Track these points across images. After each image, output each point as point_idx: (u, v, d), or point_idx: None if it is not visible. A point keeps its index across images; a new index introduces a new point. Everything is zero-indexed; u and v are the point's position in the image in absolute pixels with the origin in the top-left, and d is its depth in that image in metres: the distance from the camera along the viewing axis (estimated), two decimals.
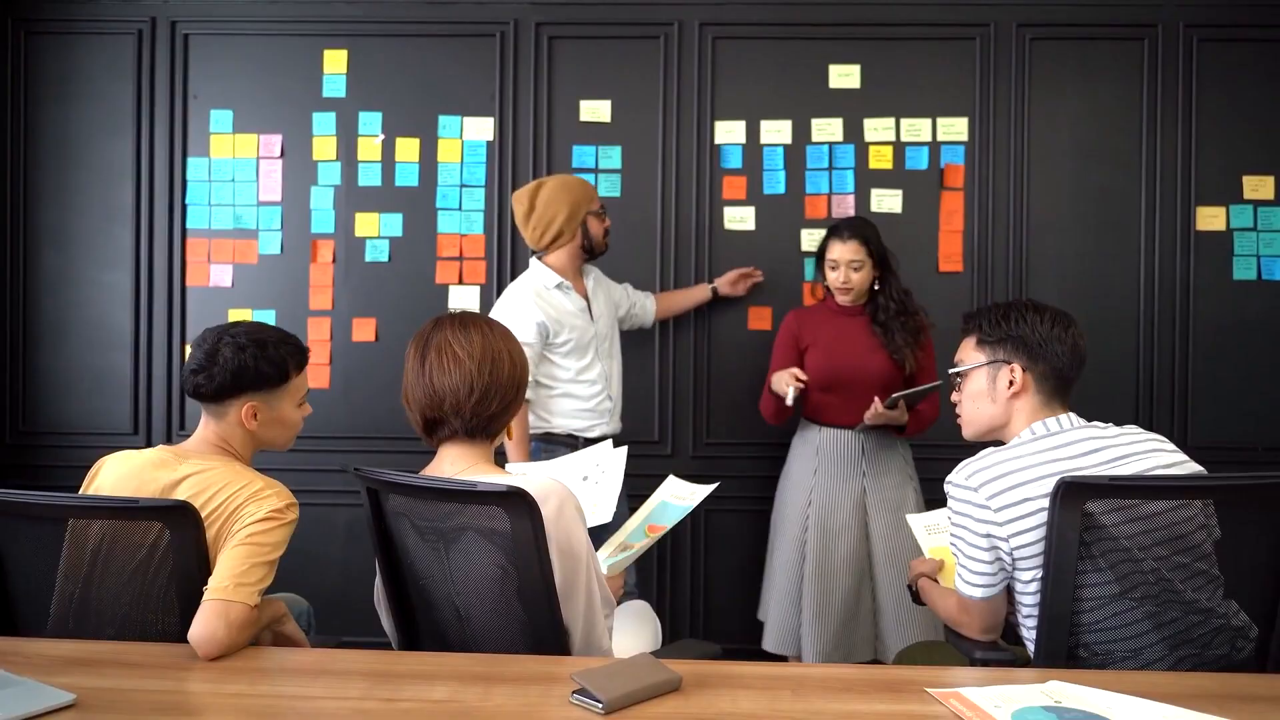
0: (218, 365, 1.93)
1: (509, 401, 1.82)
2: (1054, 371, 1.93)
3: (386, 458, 3.38)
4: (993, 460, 1.85)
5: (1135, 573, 1.73)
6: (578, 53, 3.68)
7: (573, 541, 1.73)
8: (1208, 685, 1.55)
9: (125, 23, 3.72)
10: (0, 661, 1.56)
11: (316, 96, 3.70)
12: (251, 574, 1.72)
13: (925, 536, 2.40)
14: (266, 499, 1.84)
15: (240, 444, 2.01)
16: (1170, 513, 1.73)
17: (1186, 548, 1.74)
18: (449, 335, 1.81)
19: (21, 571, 1.87)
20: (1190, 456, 3.60)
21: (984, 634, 1.92)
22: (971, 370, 2.00)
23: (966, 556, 1.87)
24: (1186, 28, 3.60)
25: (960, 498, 1.86)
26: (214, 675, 1.58)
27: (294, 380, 2.04)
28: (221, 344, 1.95)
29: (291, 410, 2.06)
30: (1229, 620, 1.75)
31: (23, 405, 3.75)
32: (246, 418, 1.97)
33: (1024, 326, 1.94)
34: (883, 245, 3.07)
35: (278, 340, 2.00)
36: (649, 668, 1.50)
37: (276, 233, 3.71)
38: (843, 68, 3.64)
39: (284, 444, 2.10)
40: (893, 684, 1.56)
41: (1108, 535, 1.72)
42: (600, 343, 3.15)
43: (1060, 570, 1.73)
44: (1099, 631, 1.76)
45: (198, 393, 1.96)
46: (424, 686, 1.51)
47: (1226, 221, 3.61)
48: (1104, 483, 1.73)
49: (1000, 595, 1.88)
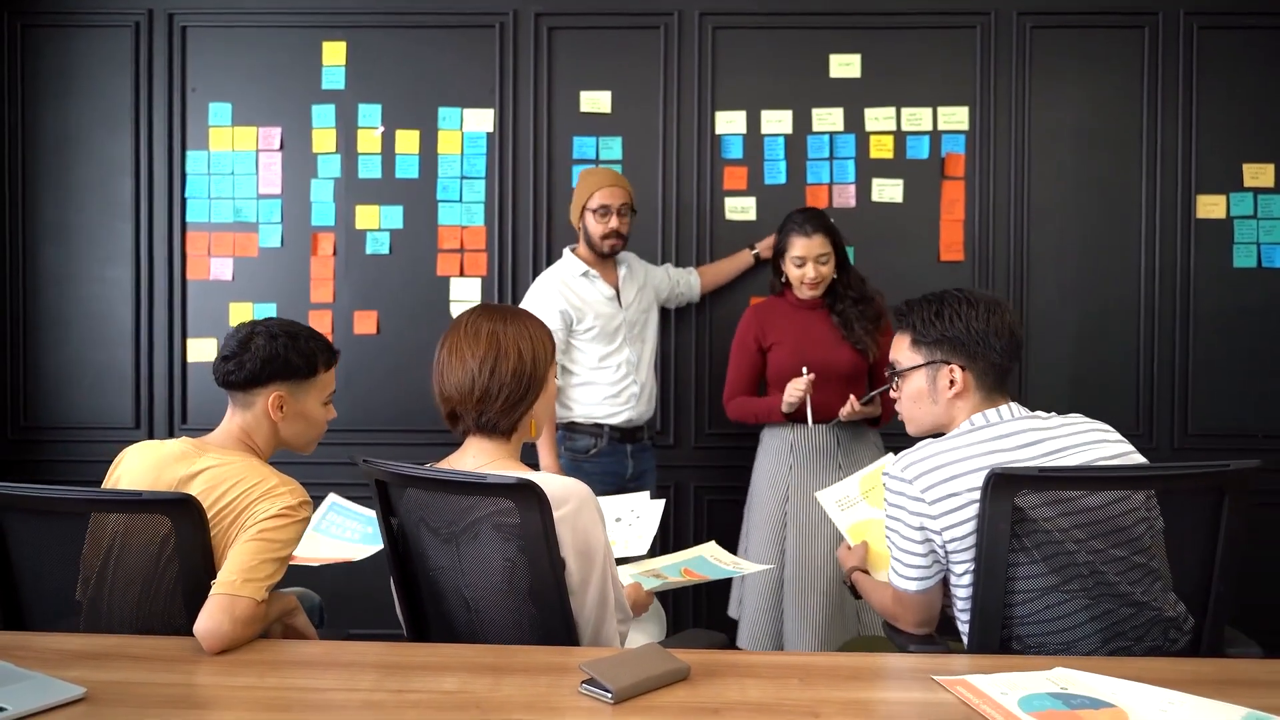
0: (249, 353, 1.95)
1: (516, 400, 1.80)
2: (993, 367, 1.89)
3: (389, 449, 3.39)
4: (929, 452, 1.82)
5: (1069, 565, 1.71)
6: (577, 43, 3.67)
7: (590, 541, 1.73)
8: (1209, 671, 1.55)
9: (122, 15, 3.70)
10: (8, 655, 1.56)
11: (316, 89, 3.70)
12: (260, 570, 1.72)
13: (839, 513, 2.36)
14: (280, 496, 1.84)
15: (264, 439, 2.01)
16: (1107, 506, 1.71)
17: (1124, 540, 1.72)
18: (462, 332, 1.82)
19: (29, 566, 1.87)
20: (1191, 444, 3.65)
21: (919, 627, 1.90)
22: (909, 371, 1.96)
23: (900, 549, 1.85)
24: (1187, 15, 3.60)
25: (895, 489, 1.84)
26: (223, 668, 1.59)
27: (321, 375, 2.05)
28: (255, 333, 1.98)
29: (316, 407, 2.06)
30: (1163, 612, 1.75)
31: (24, 400, 3.75)
32: (273, 408, 1.98)
33: (959, 324, 1.88)
34: (840, 234, 3.08)
35: (309, 334, 2.03)
36: (657, 657, 1.50)
37: (277, 226, 3.71)
38: (843, 57, 3.63)
39: (306, 444, 2.09)
40: (900, 672, 1.57)
41: (1040, 527, 1.71)
42: (630, 329, 3.20)
43: (992, 562, 1.72)
44: (1032, 624, 1.75)
45: (227, 380, 1.97)
46: (433, 677, 1.52)
47: (1227, 209, 3.61)
48: (1034, 474, 1.71)
49: (936, 588, 1.86)
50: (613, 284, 3.20)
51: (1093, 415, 3.52)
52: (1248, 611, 3.55)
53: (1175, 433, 3.61)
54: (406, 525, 1.83)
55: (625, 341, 3.18)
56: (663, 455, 3.63)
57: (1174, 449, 3.58)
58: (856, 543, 2.26)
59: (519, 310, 1.90)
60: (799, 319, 3.09)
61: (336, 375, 3.63)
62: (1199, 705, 1.38)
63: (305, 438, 2.07)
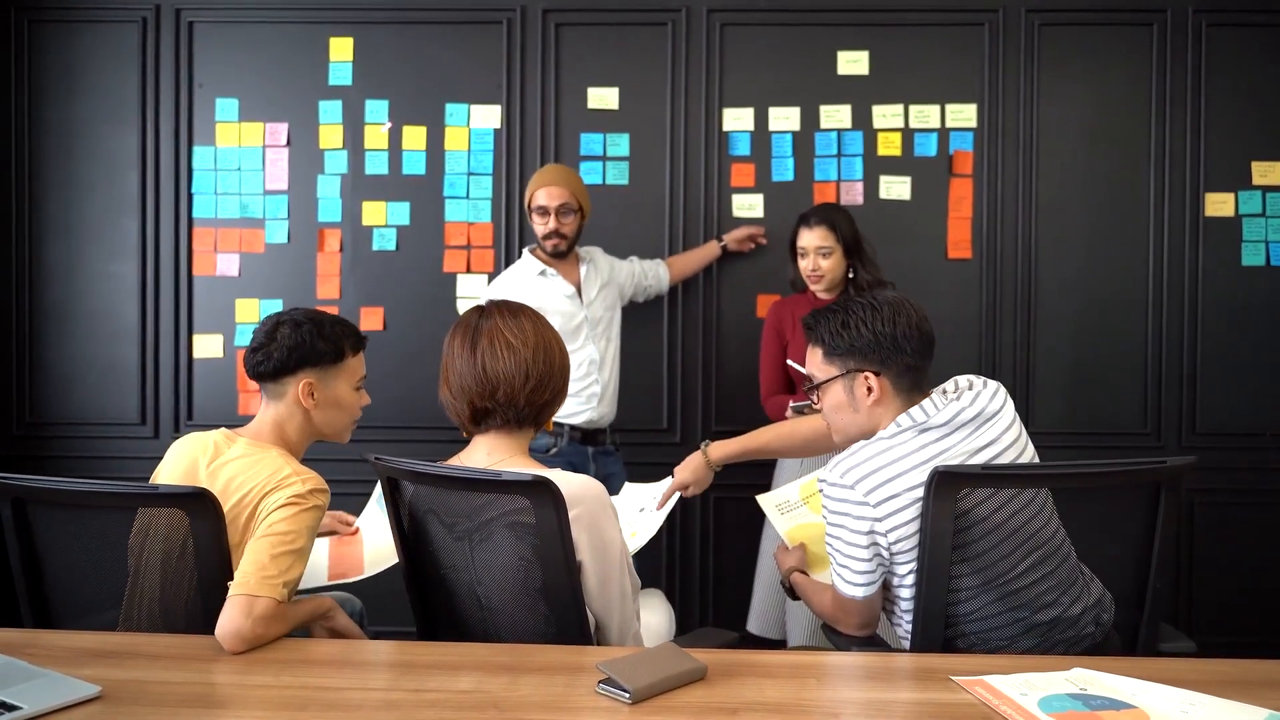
0: (275, 343, 1.97)
1: (559, 390, 1.83)
2: (907, 369, 1.88)
3: (397, 446, 3.38)
4: (865, 455, 1.81)
5: (1001, 560, 1.74)
6: (585, 40, 3.66)
7: (606, 540, 1.73)
8: (1230, 671, 1.55)
9: (129, 10, 3.69)
10: (23, 654, 1.55)
11: (322, 85, 3.68)
12: (274, 565, 1.71)
13: (779, 516, 2.36)
14: (289, 485, 1.83)
15: (297, 429, 2.02)
16: (1033, 503, 1.75)
17: (1048, 538, 1.77)
18: (499, 323, 1.80)
19: (54, 562, 1.87)
20: (1199, 443, 3.64)
21: (861, 630, 1.91)
22: (826, 384, 1.93)
23: (845, 555, 1.83)
24: (1195, 13, 3.59)
25: (837, 496, 1.82)
26: (239, 667, 1.58)
27: (350, 360, 2.06)
28: (280, 323, 2.00)
29: (348, 392, 2.07)
30: (1089, 600, 1.80)
31: (29, 396, 3.74)
32: (304, 395, 1.99)
33: (866, 331, 1.87)
34: (855, 231, 3.05)
35: (334, 321, 2.06)
36: (674, 657, 1.50)
37: (283, 222, 3.70)
38: (851, 54, 3.62)
39: (341, 430, 2.10)
40: (918, 672, 1.56)
41: (979, 526, 1.73)
42: (593, 326, 3.16)
43: (935, 562, 1.72)
44: (974, 621, 1.77)
45: (257, 371, 1.99)
46: (449, 677, 1.51)
47: (1235, 207, 3.60)
48: (977, 471, 1.73)
49: (879, 591, 1.86)
50: (574, 281, 3.16)
51: (1101, 414, 3.60)
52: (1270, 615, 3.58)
53: (1183, 432, 3.60)
54: (418, 523, 1.82)
55: (588, 339, 3.14)
56: (671, 453, 3.58)
57: (1181, 448, 3.57)
58: (794, 545, 2.27)
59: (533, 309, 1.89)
60: None
61: None
62: (1220, 706, 1.38)
63: (339, 424, 2.08)
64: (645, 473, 2.82)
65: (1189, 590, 3.62)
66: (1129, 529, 1.81)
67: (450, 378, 1.82)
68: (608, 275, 3.26)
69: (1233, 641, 3.52)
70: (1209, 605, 3.62)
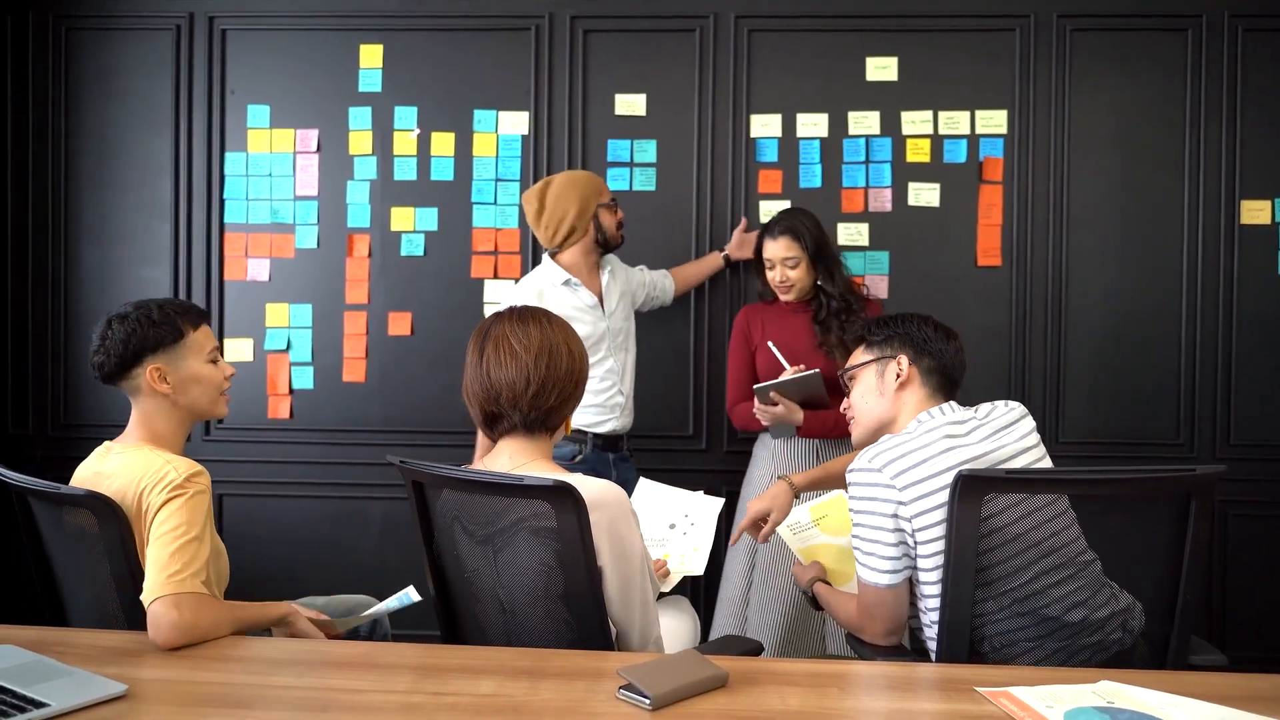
0: (109, 339, 1.96)
1: (568, 395, 1.83)
2: (939, 367, 1.99)
3: (423, 450, 3.40)
4: (892, 444, 1.87)
5: (1023, 565, 1.74)
6: (613, 46, 3.67)
7: (627, 546, 1.73)
8: (1263, 687, 1.52)
9: (164, 18, 3.75)
10: (50, 651, 1.58)
11: (352, 91, 3.72)
12: (176, 560, 1.72)
13: (791, 537, 2.40)
14: (164, 479, 1.82)
15: (165, 420, 2.00)
16: (1052, 508, 1.76)
17: (1066, 543, 1.77)
18: (506, 329, 1.82)
19: (58, 561, 1.93)
20: (1233, 454, 3.59)
21: (888, 636, 1.89)
22: (860, 369, 2.06)
23: (870, 542, 1.86)
24: (1231, 18, 3.53)
25: (864, 481, 1.86)
26: (263, 667, 1.59)
27: (192, 335, 2.01)
28: (109, 321, 1.98)
29: (201, 366, 2.02)
30: (1117, 606, 1.79)
31: (64, 399, 3.80)
32: (155, 381, 1.97)
33: (910, 326, 2.03)
34: (820, 236, 2.99)
35: (164, 303, 2.02)
36: (696, 664, 1.49)
37: (313, 227, 3.73)
38: (880, 60, 3.60)
39: (212, 404, 2.06)
40: (941, 683, 1.54)
41: (1000, 533, 1.73)
42: (614, 338, 3.13)
43: (960, 566, 1.72)
44: (999, 621, 1.76)
45: (104, 374, 1.98)
46: (470, 680, 1.51)
47: (1272, 215, 3.55)
48: (1002, 475, 1.75)
49: (904, 588, 1.86)
50: (595, 291, 3.13)
51: (1133, 425, 3.55)
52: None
53: (1217, 443, 3.54)
54: (441, 527, 1.83)
55: (609, 352, 3.10)
56: (693, 459, 3.62)
57: (1215, 459, 3.51)
58: (810, 561, 2.28)
59: (550, 312, 1.90)
60: (785, 323, 3.05)
61: (370, 375, 3.71)
62: None
63: (207, 399, 2.04)
64: (672, 479, 2.81)
65: (1222, 603, 3.56)
66: (1158, 538, 1.79)
67: (466, 383, 1.85)
68: (624, 283, 3.25)
69: (1268, 656, 3.45)
70: (1243, 619, 3.55)
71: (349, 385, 3.72)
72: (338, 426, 3.70)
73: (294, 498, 3.76)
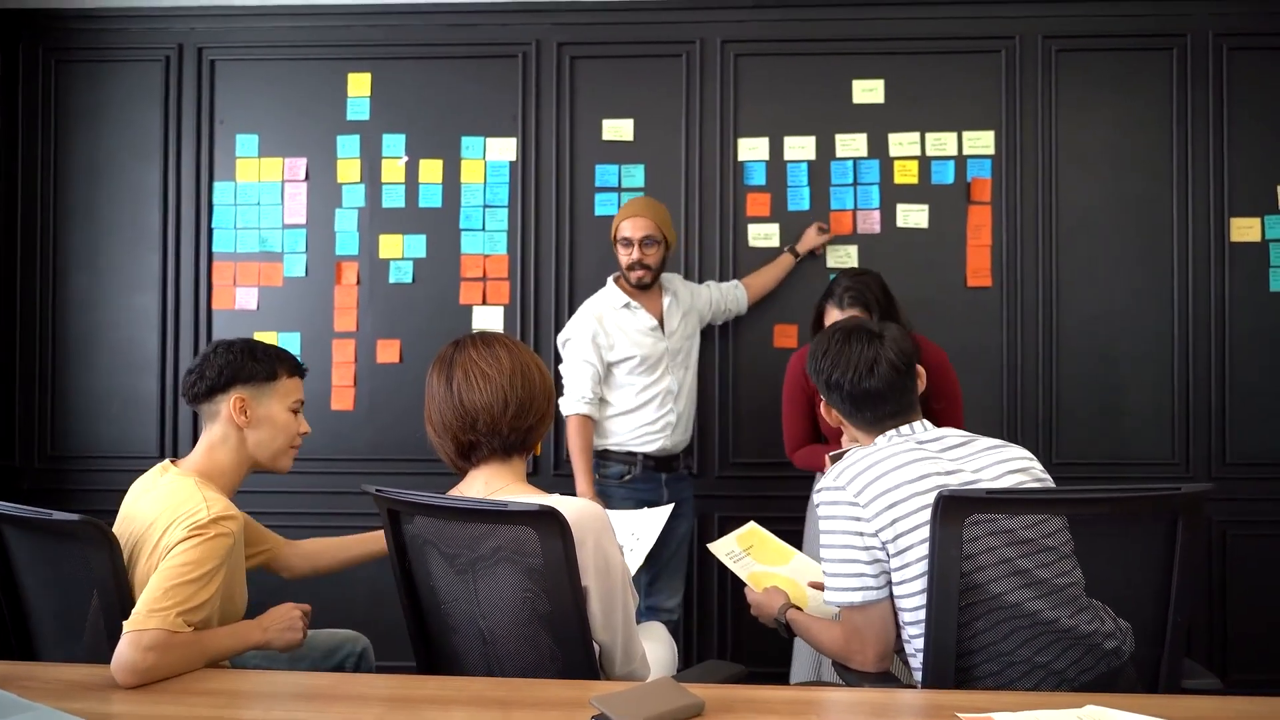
0: (209, 363, 2.01)
1: (543, 413, 1.81)
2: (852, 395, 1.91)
3: (412, 479, 3.37)
4: (854, 458, 1.84)
5: (1012, 590, 1.68)
6: (600, 72, 3.68)
7: (609, 563, 1.70)
8: (1255, 710, 1.49)
9: (153, 50, 3.76)
10: (13, 686, 1.54)
11: (341, 120, 3.73)
12: (168, 597, 1.69)
13: (732, 564, 2.37)
14: (191, 515, 1.80)
15: (229, 454, 2.00)
16: (1038, 526, 1.69)
17: (1051, 561, 1.71)
18: (473, 354, 1.79)
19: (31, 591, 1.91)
20: (1229, 474, 3.54)
21: (879, 661, 1.81)
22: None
23: (839, 561, 1.80)
24: (1216, 36, 3.55)
25: (829, 500, 1.82)
26: (228, 700, 1.56)
27: (284, 380, 2.06)
28: (215, 348, 2.04)
29: (282, 412, 2.05)
30: (1104, 625, 1.73)
31: (51, 428, 3.78)
32: (236, 411, 1.99)
33: (813, 362, 1.98)
34: (888, 304, 2.88)
35: (270, 347, 2.08)
36: (671, 692, 1.46)
37: (301, 255, 3.73)
38: (866, 82, 3.61)
39: (275, 455, 2.06)
40: (922, 709, 1.51)
41: (985, 552, 1.67)
42: (673, 357, 3.17)
43: (943, 589, 1.66)
44: (983, 635, 1.70)
45: (192, 392, 2.01)
46: (442, 711, 1.48)
47: (1261, 232, 3.54)
48: (982, 495, 1.68)
49: (886, 607, 1.79)
50: (656, 314, 3.16)
51: (1128, 445, 3.52)
52: None
53: (1212, 462, 3.51)
54: (419, 556, 1.79)
55: (667, 370, 3.15)
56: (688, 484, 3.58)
57: (1211, 479, 3.48)
58: (762, 588, 2.21)
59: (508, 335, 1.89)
60: None
61: (359, 403, 3.69)
62: None
63: (273, 447, 2.05)
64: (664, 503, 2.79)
65: (1222, 626, 3.52)
66: (1147, 559, 1.74)
67: (432, 415, 1.81)
68: (689, 304, 3.27)
69: (1268, 679, 3.40)
70: (1242, 642, 3.51)
71: (337, 413, 3.70)
72: (326, 455, 3.68)
73: (282, 527, 3.69)
